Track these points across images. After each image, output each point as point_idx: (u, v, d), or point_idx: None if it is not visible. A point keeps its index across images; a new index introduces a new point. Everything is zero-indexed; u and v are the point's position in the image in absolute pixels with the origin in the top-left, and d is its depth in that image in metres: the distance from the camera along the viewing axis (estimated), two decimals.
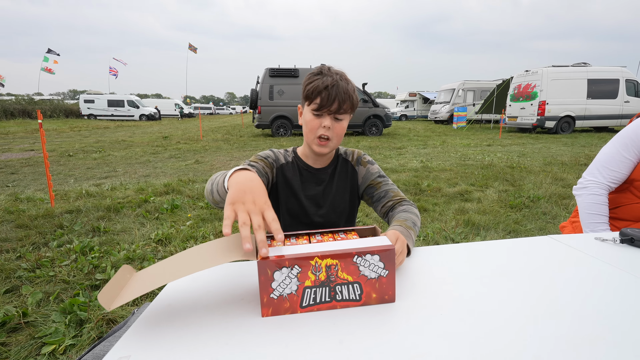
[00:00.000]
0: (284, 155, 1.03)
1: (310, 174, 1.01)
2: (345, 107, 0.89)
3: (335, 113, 0.89)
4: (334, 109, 0.88)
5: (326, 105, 0.87)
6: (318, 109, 0.88)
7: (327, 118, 0.89)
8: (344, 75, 0.91)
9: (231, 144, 9.04)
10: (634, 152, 1.17)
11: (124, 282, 0.58)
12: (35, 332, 1.51)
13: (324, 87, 0.86)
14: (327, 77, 0.88)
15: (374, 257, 0.54)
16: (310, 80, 0.89)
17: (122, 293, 0.54)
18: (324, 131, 0.89)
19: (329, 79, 0.87)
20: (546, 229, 2.79)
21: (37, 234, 2.66)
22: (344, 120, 0.92)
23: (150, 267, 0.60)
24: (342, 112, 0.90)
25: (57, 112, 24.11)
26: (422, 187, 4.13)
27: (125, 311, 1.66)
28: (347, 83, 0.90)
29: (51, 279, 1.96)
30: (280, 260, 0.51)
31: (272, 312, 0.53)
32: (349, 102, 0.89)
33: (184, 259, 0.57)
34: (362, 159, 1.05)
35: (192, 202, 3.53)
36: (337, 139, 0.92)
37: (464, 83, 17.76)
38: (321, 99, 0.87)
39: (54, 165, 5.90)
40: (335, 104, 0.87)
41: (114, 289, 0.55)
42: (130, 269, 0.62)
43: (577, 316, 0.52)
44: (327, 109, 0.88)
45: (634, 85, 11.19)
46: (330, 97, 0.86)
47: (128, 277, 0.60)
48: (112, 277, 0.57)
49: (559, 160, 5.99)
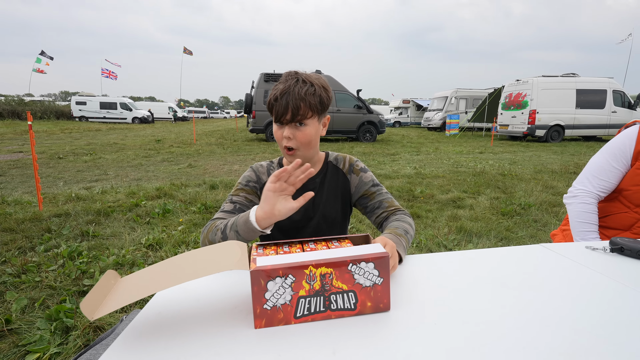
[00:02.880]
0: (268, 169, 0.99)
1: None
2: (302, 112, 0.82)
3: (291, 121, 0.84)
4: (289, 117, 0.83)
5: (281, 116, 0.84)
6: (276, 120, 0.86)
7: (285, 128, 0.85)
8: (303, 78, 0.85)
9: (225, 148, 9.00)
10: (623, 162, 1.19)
11: (108, 289, 0.55)
12: (19, 339, 1.46)
13: (274, 98, 0.84)
14: (283, 84, 0.84)
15: (369, 265, 0.53)
16: (272, 90, 0.87)
17: (106, 301, 0.52)
18: (286, 142, 0.86)
19: (281, 87, 0.84)
20: (537, 237, 2.82)
21: (24, 238, 2.60)
22: (309, 126, 0.85)
23: (136, 273, 0.57)
24: (301, 118, 0.84)
25: (48, 114, 23.78)
26: (415, 193, 4.15)
27: (114, 318, 1.62)
28: (304, 85, 0.83)
29: (37, 285, 1.91)
30: (273, 269, 0.50)
31: (265, 323, 0.52)
32: (306, 106, 0.82)
33: (174, 267, 0.55)
34: (355, 167, 1.00)
35: (184, 207, 3.49)
36: (304, 146, 0.87)
37: (456, 91, 18.00)
38: (275, 110, 0.84)
39: (43, 167, 5.80)
40: (289, 112, 0.82)
41: (98, 297, 0.52)
42: (115, 274, 0.59)
43: (569, 326, 0.53)
44: (284, 118, 0.84)
45: (620, 96, 11.48)
46: (282, 106, 0.82)
47: (112, 283, 0.57)
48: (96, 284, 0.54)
49: (549, 169, 6.09)
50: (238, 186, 0.97)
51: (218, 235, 0.79)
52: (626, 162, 1.19)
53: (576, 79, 11.23)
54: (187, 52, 36.50)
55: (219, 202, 3.67)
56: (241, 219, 0.75)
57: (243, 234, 0.74)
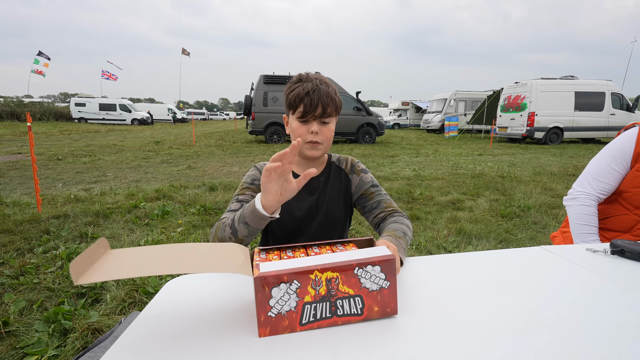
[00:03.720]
0: None
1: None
2: (329, 110, 0.89)
3: (320, 117, 0.89)
4: (319, 113, 0.88)
5: (310, 111, 0.88)
6: (303, 115, 0.89)
7: (313, 123, 0.90)
8: (323, 79, 0.92)
9: (224, 150, 9.00)
10: (622, 164, 1.19)
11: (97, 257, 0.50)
12: (16, 342, 1.45)
13: (305, 93, 0.87)
14: (306, 83, 0.89)
15: (375, 268, 0.52)
16: (292, 89, 0.90)
17: (93, 269, 0.47)
18: (312, 137, 0.90)
19: (309, 85, 0.88)
20: (536, 239, 2.82)
21: (22, 239, 2.59)
22: (331, 124, 0.92)
23: (131, 250, 0.53)
24: (327, 116, 0.90)
25: (47, 115, 23.76)
26: (415, 195, 4.15)
27: (112, 320, 1.61)
28: (327, 86, 0.90)
29: (35, 287, 1.90)
30: (278, 275, 0.49)
31: (269, 331, 0.50)
32: (333, 105, 0.89)
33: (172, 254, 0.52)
34: (356, 167, 1.04)
35: (183, 208, 3.49)
36: (327, 142, 0.93)
37: (455, 93, 18.05)
38: (304, 106, 0.87)
39: (42, 168, 5.78)
40: (320, 108, 0.88)
41: (87, 262, 0.47)
42: (106, 243, 0.54)
43: (570, 328, 0.52)
44: (312, 114, 0.88)
45: (619, 98, 11.51)
46: (313, 102, 0.87)
47: (102, 252, 0.52)
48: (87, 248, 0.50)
49: (548, 171, 6.10)
50: (243, 185, 0.97)
51: (227, 231, 0.79)
52: (626, 164, 1.19)
53: (575, 82, 11.27)
54: (185, 53, 36.57)
55: (219, 203, 3.66)
56: (247, 209, 0.74)
57: (252, 224, 0.74)
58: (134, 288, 1.88)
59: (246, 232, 0.76)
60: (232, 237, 0.78)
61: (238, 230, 0.77)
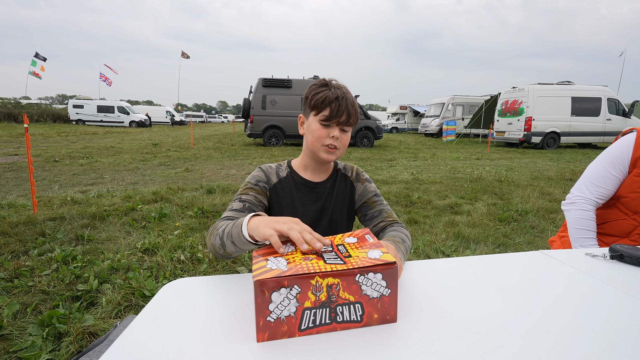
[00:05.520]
0: (277, 171, 1.00)
1: (308, 189, 1.00)
2: (352, 120, 0.92)
3: (344, 124, 0.92)
4: (343, 120, 0.91)
5: (336, 117, 0.90)
6: (327, 119, 0.90)
7: (335, 129, 0.92)
8: (347, 89, 0.94)
9: (222, 153, 8.98)
10: (620, 169, 1.20)
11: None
12: (9, 345, 1.43)
13: (334, 97, 0.89)
14: (335, 89, 0.91)
15: (377, 276, 0.52)
16: (318, 91, 0.91)
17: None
18: (332, 141, 0.92)
19: (338, 91, 0.90)
20: (534, 243, 2.82)
21: (17, 241, 2.57)
22: (349, 132, 0.95)
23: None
24: (349, 125, 0.93)
25: (45, 117, 23.65)
26: (413, 199, 4.15)
27: (108, 324, 1.59)
28: (352, 97, 0.93)
29: (30, 290, 1.88)
30: (279, 279, 0.48)
31: (268, 336, 0.49)
32: (355, 115, 0.93)
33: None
34: (361, 176, 1.06)
35: (180, 211, 3.47)
36: (343, 148, 0.95)
37: (453, 98, 18.15)
38: (331, 110, 0.89)
39: (38, 170, 5.75)
40: (345, 115, 0.90)
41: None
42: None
43: (570, 332, 0.52)
44: (337, 120, 0.90)
45: (615, 104, 11.61)
46: (341, 108, 0.89)
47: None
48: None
49: (545, 175, 6.12)
50: (247, 185, 0.96)
51: (217, 241, 0.75)
52: (624, 169, 1.19)
53: (571, 87, 11.36)
54: (184, 56, 36.62)
55: (216, 206, 3.65)
56: (235, 228, 0.70)
57: (239, 245, 0.70)
58: (130, 291, 1.86)
59: (233, 249, 0.72)
60: (221, 249, 0.75)
61: (226, 245, 0.73)
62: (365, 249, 0.57)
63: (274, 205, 0.98)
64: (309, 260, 0.53)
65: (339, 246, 0.59)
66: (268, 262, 0.53)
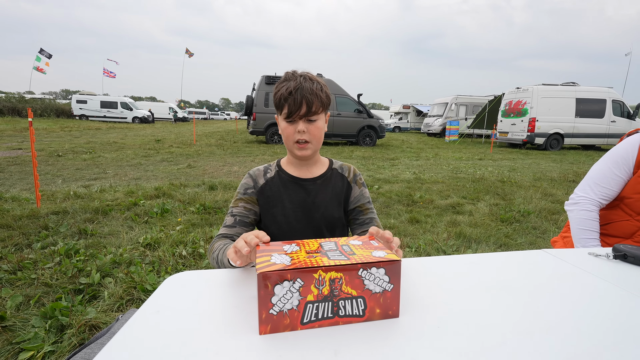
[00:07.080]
0: (265, 172, 1.00)
1: (297, 186, 0.98)
2: (314, 107, 0.87)
3: (306, 116, 0.88)
4: (304, 112, 0.87)
5: (295, 111, 0.87)
6: (288, 115, 0.88)
7: (299, 123, 0.88)
8: (308, 76, 0.90)
9: (225, 149, 8.99)
10: (625, 169, 1.19)
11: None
12: (13, 337, 1.44)
13: (288, 93, 0.86)
14: (291, 82, 0.87)
15: (380, 271, 0.52)
16: (277, 89, 0.89)
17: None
18: (300, 136, 0.89)
19: (292, 84, 0.86)
20: (536, 244, 2.81)
21: (21, 234, 2.58)
22: (319, 121, 0.91)
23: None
24: (313, 114, 0.88)
25: (48, 112, 23.72)
26: (415, 198, 4.14)
27: (110, 317, 1.60)
28: (312, 83, 0.88)
29: (32, 282, 1.90)
30: (282, 273, 0.48)
31: (270, 329, 0.50)
32: (318, 102, 0.87)
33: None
34: (358, 179, 1.04)
35: (182, 207, 3.48)
36: (315, 140, 0.92)
37: (456, 97, 18.07)
38: (288, 106, 0.87)
39: (42, 164, 5.78)
40: (304, 107, 0.86)
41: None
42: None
43: (573, 331, 0.52)
44: (297, 114, 0.87)
45: (620, 105, 11.53)
46: (297, 101, 0.85)
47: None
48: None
49: (548, 176, 6.10)
50: (237, 196, 0.98)
51: (215, 264, 0.83)
52: (628, 170, 1.19)
53: (576, 88, 11.29)
54: (188, 54, 36.65)
55: (218, 202, 3.65)
56: (225, 258, 0.77)
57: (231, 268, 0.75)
58: (132, 285, 1.87)
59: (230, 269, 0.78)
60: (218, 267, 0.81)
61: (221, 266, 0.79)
62: (369, 250, 0.57)
63: (264, 206, 0.98)
64: (313, 258, 0.54)
65: (344, 246, 0.59)
66: (272, 257, 0.53)
